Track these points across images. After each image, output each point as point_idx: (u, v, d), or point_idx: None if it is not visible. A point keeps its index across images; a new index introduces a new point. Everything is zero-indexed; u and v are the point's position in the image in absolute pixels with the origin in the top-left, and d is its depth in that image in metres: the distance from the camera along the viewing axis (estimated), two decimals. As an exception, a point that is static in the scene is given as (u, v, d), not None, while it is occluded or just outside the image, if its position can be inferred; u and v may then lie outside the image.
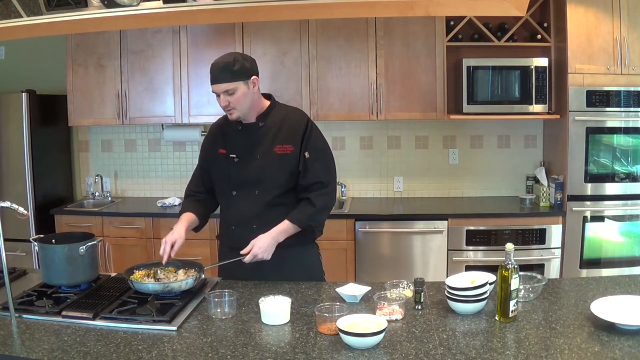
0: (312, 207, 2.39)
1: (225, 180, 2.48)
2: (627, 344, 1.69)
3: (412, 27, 4.21)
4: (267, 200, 2.39)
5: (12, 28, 2.59)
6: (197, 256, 3.99)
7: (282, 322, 1.94)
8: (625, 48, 3.86)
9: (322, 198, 2.41)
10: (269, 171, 2.40)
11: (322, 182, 2.42)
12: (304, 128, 2.43)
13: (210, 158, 2.54)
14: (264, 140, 2.42)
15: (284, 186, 2.41)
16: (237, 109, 2.35)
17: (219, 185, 2.52)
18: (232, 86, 2.31)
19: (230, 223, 2.49)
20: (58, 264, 2.21)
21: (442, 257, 4.02)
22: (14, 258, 4.17)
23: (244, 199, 2.42)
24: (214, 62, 2.35)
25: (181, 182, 4.83)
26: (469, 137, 4.60)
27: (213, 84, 2.33)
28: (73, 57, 4.47)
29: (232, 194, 2.45)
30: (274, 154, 2.40)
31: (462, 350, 1.70)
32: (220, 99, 2.34)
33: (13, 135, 4.33)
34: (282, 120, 2.45)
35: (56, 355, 1.71)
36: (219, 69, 2.32)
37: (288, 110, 2.52)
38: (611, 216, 4.00)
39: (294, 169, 2.40)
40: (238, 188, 2.44)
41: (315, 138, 2.45)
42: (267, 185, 2.40)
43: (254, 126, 2.45)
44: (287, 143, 2.40)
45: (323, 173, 2.43)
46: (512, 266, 1.88)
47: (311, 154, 2.41)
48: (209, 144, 2.57)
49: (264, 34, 4.28)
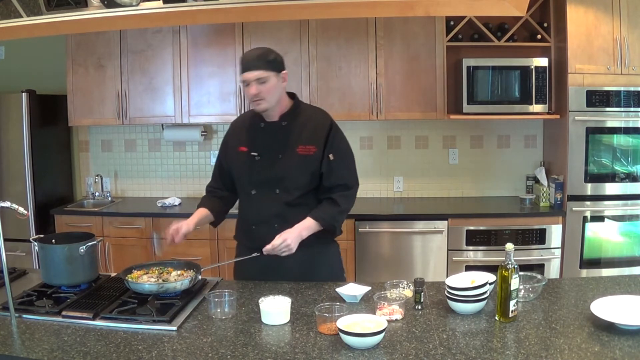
0: (336, 207, 2.39)
1: (245, 179, 2.46)
2: (627, 344, 1.69)
3: (412, 27, 4.21)
4: (287, 201, 2.38)
5: (12, 28, 2.59)
6: (197, 256, 4.00)
7: (282, 322, 1.94)
8: (625, 48, 3.86)
9: (345, 200, 2.41)
10: (291, 171, 2.38)
11: (346, 184, 2.43)
12: (328, 129, 2.42)
13: (230, 155, 2.52)
14: (287, 139, 2.40)
15: (305, 187, 2.40)
16: (266, 99, 2.33)
17: (239, 183, 2.50)
18: (265, 74, 2.30)
19: (250, 222, 2.46)
20: (58, 264, 2.21)
21: (442, 257, 4.02)
22: (14, 258, 4.17)
23: (264, 198, 2.40)
24: (246, 53, 2.37)
25: (181, 182, 4.84)
26: (469, 137, 4.60)
27: (246, 71, 2.31)
28: (73, 57, 4.47)
29: (252, 192, 2.43)
30: (296, 154, 2.38)
31: (462, 350, 1.70)
32: (250, 87, 2.31)
33: (13, 135, 4.33)
34: (305, 121, 2.44)
35: (56, 355, 1.71)
36: (253, 57, 2.32)
37: (312, 111, 2.52)
38: (611, 216, 4.00)
39: (316, 170, 2.39)
40: (258, 187, 2.42)
41: (340, 140, 2.46)
42: (288, 185, 2.38)
43: (277, 125, 2.43)
44: (310, 144, 2.39)
45: (347, 175, 2.44)
46: (512, 266, 1.88)
47: (335, 156, 2.40)
48: (229, 141, 2.56)
49: (264, 34, 4.28)
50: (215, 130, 4.77)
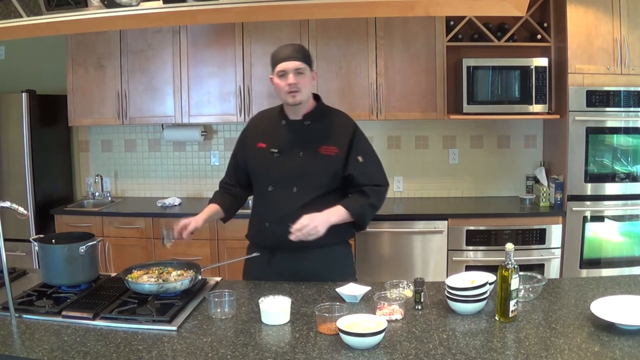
0: (366, 198, 2.38)
1: (262, 175, 2.45)
2: (627, 344, 1.69)
3: (412, 27, 4.21)
4: (304, 200, 2.36)
5: (12, 28, 2.59)
6: (197, 256, 4.00)
7: (282, 322, 1.94)
8: (625, 48, 3.86)
9: (376, 194, 2.41)
10: (311, 170, 2.38)
11: (378, 183, 2.44)
12: (352, 132, 2.44)
13: (248, 151, 2.52)
14: (309, 139, 2.41)
15: (324, 187, 2.39)
16: (301, 91, 2.34)
17: (256, 179, 2.49)
18: (303, 66, 2.33)
19: (264, 220, 2.44)
20: (58, 264, 2.21)
21: (442, 257, 4.02)
22: (14, 258, 4.17)
23: (281, 195, 2.38)
24: (279, 47, 2.38)
25: (181, 182, 4.84)
26: (469, 137, 4.60)
27: (285, 61, 2.31)
28: (73, 57, 4.47)
29: (268, 189, 2.42)
30: (318, 154, 2.38)
31: (462, 350, 1.70)
32: (287, 77, 2.32)
33: (13, 135, 4.33)
34: (329, 122, 2.45)
35: (56, 355, 1.71)
36: (292, 48, 2.35)
37: (335, 113, 2.52)
38: (611, 216, 4.00)
39: (338, 171, 2.39)
40: (275, 184, 2.41)
41: (365, 143, 2.48)
42: (307, 184, 2.37)
43: (299, 123, 2.43)
44: (333, 145, 2.40)
45: (378, 175, 2.46)
46: (512, 266, 1.88)
47: (364, 157, 2.42)
48: (247, 136, 2.55)
49: (264, 34, 4.28)
50: (215, 130, 4.77)
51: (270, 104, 4.38)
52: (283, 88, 2.35)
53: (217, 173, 4.79)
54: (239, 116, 4.37)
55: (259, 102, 4.32)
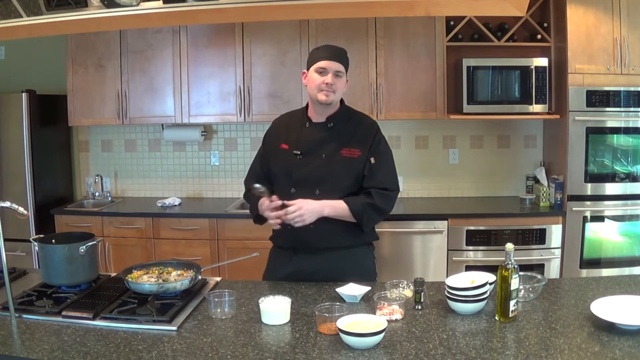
0: (369, 199, 2.37)
1: (285, 177, 2.44)
2: (627, 344, 1.69)
3: (412, 27, 4.21)
4: None
5: (12, 28, 2.59)
6: (197, 256, 4.00)
7: (282, 322, 1.94)
8: (625, 48, 3.86)
9: (382, 198, 2.39)
10: (333, 172, 2.38)
11: (385, 187, 2.42)
12: (374, 135, 2.44)
13: (271, 152, 2.51)
14: (333, 141, 2.41)
15: (346, 189, 2.39)
16: (336, 93, 2.36)
17: (278, 181, 2.47)
18: (343, 70, 2.37)
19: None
20: (58, 264, 2.21)
21: (442, 257, 4.02)
22: (14, 258, 4.17)
23: (303, 197, 2.36)
24: (324, 45, 2.41)
25: (181, 182, 4.84)
26: (469, 137, 4.60)
27: (329, 59, 2.33)
28: (73, 57, 4.47)
29: (291, 191, 2.40)
30: (340, 156, 2.38)
31: (462, 350, 1.70)
32: (327, 77, 2.33)
33: (13, 135, 4.33)
34: (353, 125, 2.45)
35: (56, 355, 1.71)
36: (337, 50, 2.38)
37: (359, 116, 2.52)
38: (611, 216, 4.00)
39: (360, 173, 2.39)
40: (298, 186, 2.40)
41: (384, 146, 2.47)
42: (329, 186, 2.37)
43: (322, 125, 2.43)
44: (356, 147, 2.40)
45: (386, 180, 2.43)
46: (512, 266, 1.88)
47: (377, 159, 2.41)
48: (271, 138, 2.55)
49: (264, 34, 4.28)
50: (215, 130, 4.77)
51: (271, 103, 4.44)
52: (319, 85, 2.35)
53: (217, 173, 4.80)
54: (239, 116, 4.37)
55: (259, 102, 4.33)
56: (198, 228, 4.13)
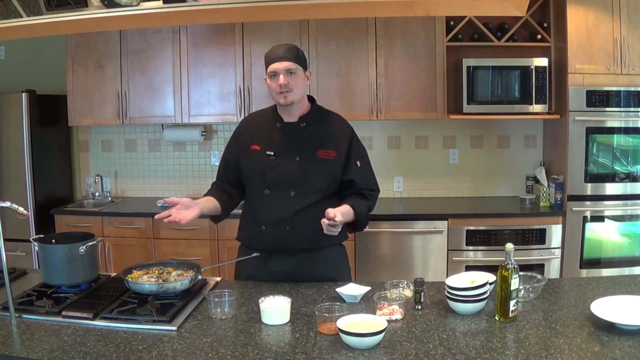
0: (367, 200, 2.41)
1: (258, 178, 2.41)
2: (627, 344, 1.69)
3: (412, 27, 4.21)
4: (302, 204, 2.34)
5: (12, 28, 2.59)
6: (197, 256, 4.00)
7: (282, 322, 1.94)
8: (625, 48, 3.86)
9: (373, 199, 2.46)
10: (309, 174, 2.36)
11: (373, 188, 2.48)
12: (350, 136, 2.44)
13: (241, 153, 2.47)
14: (306, 142, 2.39)
15: (323, 191, 2.38)
16: (293, 92, 2.32)
17: (251, 182, 2.45)
18: (294, 66, 2.32)
19: (260, 222, 2.40)
20: (58, 264, 2.21)
21: (442, 257, 4.02)
22: (14, 258, 4.17)
23: (278, 199, 2.36)
24: (272, 47, 2.37)
25: (181, 182, 4.84)
26: (469, 137, 4.60)
27: (276, 61, 2.31)
28: (73, 57, 4.47)
29: (265, 192, 2.39)
30: (315, 158, 2.37)
31: (462, 350, 1.70)
32: (278, 78, 2.30)
33: (13, 135, 4.33)
34: (326, 125, 2.44)
35: (56, 355, 1.71)
36: (284, 49, 2.34)
37: (331, 116, 2.50)
38: (611, 216, 4.00)
39: (337, 175, 2.39)
40: (272, 187, 2.38)
41: (362, 147, 2.49)
42: (305, 188, 2.35)
43: (295, 126, 2.41)
44: (331, 148, 2.38)
45: (372, 180, 2.50)
46: (512, 266, 1.88)
47: (362, 162, 2.43)
48: (240, 138, 2.51)
49: (264, 34, 4.28)
50: (215, 130, 4.77)
51: (271, 103, 4.42)
52: (275, 89, 2.33)
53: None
54: (239, 116, 4.37)
55: (259, 102, 4.32)
56: (198, 228, 4.13)
